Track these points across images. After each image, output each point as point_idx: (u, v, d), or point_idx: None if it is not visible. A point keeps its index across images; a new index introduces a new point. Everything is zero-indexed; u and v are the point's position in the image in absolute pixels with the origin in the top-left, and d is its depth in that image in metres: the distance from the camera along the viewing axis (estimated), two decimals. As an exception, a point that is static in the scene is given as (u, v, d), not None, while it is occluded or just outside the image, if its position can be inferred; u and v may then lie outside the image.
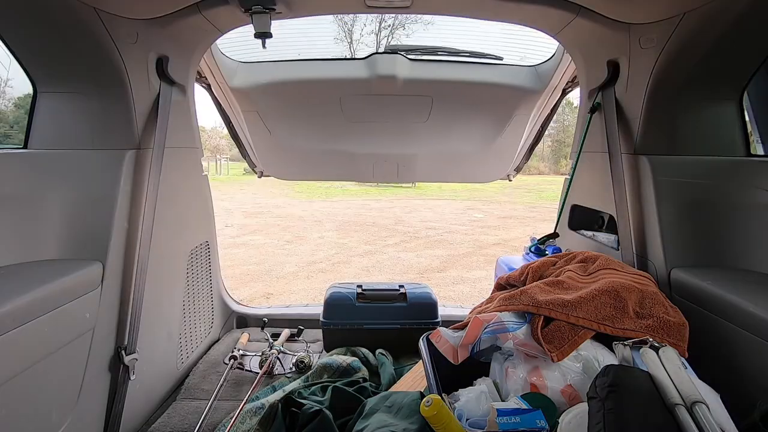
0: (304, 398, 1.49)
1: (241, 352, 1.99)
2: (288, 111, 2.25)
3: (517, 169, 2.78)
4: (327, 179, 2.77)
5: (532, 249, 2.03)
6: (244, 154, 2.66)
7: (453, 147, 2.46)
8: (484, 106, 2.24)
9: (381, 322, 2.02)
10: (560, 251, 1.86)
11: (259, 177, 2.75)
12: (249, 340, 2.19)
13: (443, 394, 1.07)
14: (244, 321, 2.43)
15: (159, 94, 1.60)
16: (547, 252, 1.95)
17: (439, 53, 2.08)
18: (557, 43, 1.98)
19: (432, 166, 2.59)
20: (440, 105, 2.16)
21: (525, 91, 2.15)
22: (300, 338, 2.21)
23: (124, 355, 1.42)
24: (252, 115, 2.29)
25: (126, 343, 1.43)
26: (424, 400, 0.97)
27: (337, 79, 2.06)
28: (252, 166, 2.73)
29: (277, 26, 1.55)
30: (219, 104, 2.33)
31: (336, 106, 2.16)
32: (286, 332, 2.18)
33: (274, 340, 2.08)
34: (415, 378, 1.63)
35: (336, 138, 2.39)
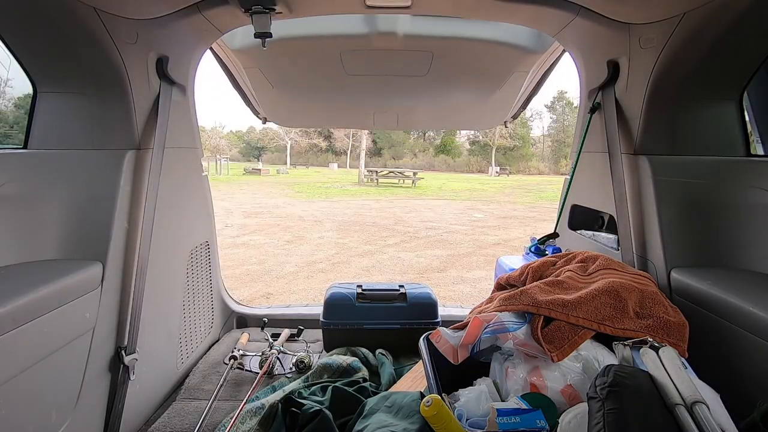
0: (304, 398, 1.49)
1: (241, 352, 1.99)
2: (288, 66, 2.28)
3: (514, 117, 2.84)
4: (328, 126, 3.12)
5: (532, 249, 2.03)
6: (248, 103, 2.72)
7: (451, 98, 2.52)
8: (484, 63, 2.25)
9: (381, 322, 2.02)
10: (560, 251, 1.86)
11: (264, 123, 2.89)
12: (249, 340, 2.19)
13: (443, 394, 1.07)
14: (244, 321, 2.43)
15: (159, 94, 1.60)
16: (547, 252, 1.95)
17: None
18: None
19: (430, 115, 2.70)
20: (440, 60, 2.17)
21: (526, 50, 2.15)
22: (300, 338, 2.21)
23: (124, 355, 1.42)
24: (254, 71, 2.31)
25: (126, 343, 1.43)
26: (424, 400, 0.97)
27: (336, 35, 2.06)
28: (255, 113, 2.81)
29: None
30: (220, 59, 2.36)
31: (336, 60, 2.18)
32: (286, 332, 2.18)
33: (274, 340, 2.08)
34: (415, 378, 1.63)
35: (337, 90, 2.45)
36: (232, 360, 1.90)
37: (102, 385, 1.38)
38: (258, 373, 1.82)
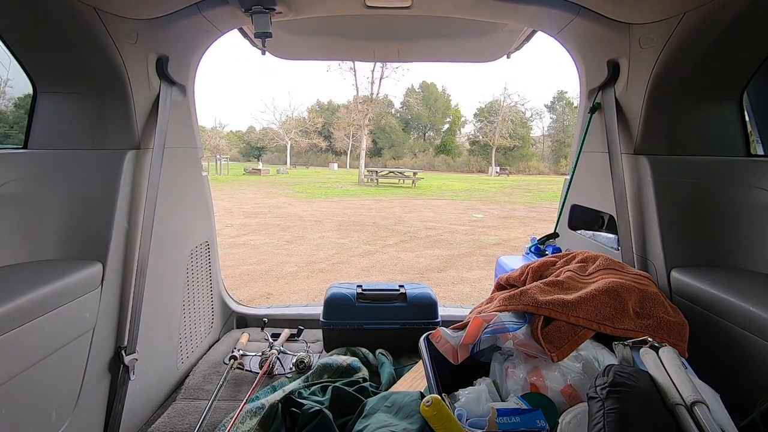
0: (304, 398, 1.49)
1: (241, 352, 1.99)
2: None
3: (518, 48, 2.82)
4: (328, 59, 3.02)
5: (532, 249, 2.03)
6: (245, 36, 2.72)
7: (455, 36, 2.51)
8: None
9: (381, 322, 2.02)
10: (560, 251, 1.86)
11: (263, 54, 2.90)
12: (249, 340, 2.19)
13: (443, 394, 1.07)
14: (244, 321, 2.43)
15: (159, 94, 1.60)
16: (547, 252, 1.95)
17: None
18: None
19: (431, 49, 2.70)
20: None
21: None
22: (300, 338, 2.21)
23: (124, 355, 1.42)
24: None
25: (126, 343, 1.43)
26: (424, 400, 0.97)
27: None
28: (253, 45, 2.80)
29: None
30: None
31: None
32: (286, 332, 2.18)
33: (274, 340, 2.08)
34: (415, 378, 1.63)
35: (335, 27, 2.45)
36: (232, 360, 1.90)
37: (102, 385, 1.38)
38: (258, 373, 1.82)
